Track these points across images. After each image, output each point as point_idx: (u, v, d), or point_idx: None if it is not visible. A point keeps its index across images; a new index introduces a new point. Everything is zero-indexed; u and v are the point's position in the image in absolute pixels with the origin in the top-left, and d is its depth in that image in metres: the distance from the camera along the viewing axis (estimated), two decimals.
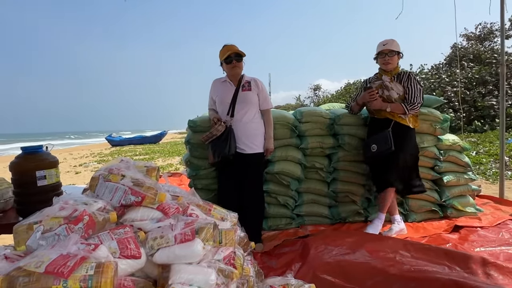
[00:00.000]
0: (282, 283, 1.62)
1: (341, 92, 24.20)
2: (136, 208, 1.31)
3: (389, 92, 2.86)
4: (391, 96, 2.85)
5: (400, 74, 2.90)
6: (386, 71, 2.92)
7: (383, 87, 2.89)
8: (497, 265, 2.07)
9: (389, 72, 2.92)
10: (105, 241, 1.08)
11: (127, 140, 21.43)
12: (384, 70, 2.94)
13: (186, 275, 1.12)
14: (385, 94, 2.87)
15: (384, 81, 2.90)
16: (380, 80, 2.94)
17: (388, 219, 2.99)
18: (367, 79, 3.13)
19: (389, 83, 2.88)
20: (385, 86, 2.89)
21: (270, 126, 2.79)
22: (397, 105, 2.80)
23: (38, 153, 1.84)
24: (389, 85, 2.87)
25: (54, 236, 1.04)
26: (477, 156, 6.77)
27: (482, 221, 3.13)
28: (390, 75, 2.91)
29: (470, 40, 16.55)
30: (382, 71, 2.97)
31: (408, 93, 2.82)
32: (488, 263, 2.09)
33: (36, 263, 0.90)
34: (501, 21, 3.89)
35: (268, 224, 3.14)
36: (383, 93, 2.88)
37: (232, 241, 1.41)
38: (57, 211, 1.12)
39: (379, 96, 2.87)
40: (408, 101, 2.80)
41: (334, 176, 3.23)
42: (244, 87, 2.71)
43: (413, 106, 2.78)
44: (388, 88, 2.87)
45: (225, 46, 2.69)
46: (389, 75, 2.91)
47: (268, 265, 2.45)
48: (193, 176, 3.10)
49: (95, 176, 1.39)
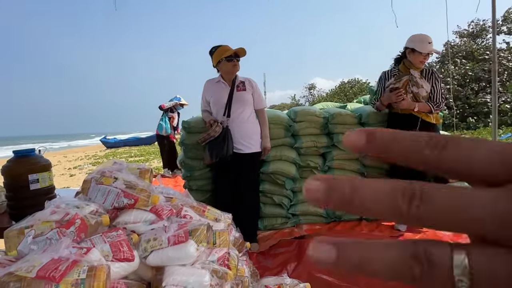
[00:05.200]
0: (277, 282, 1.62)
1: (335, 91, 24.28)
2: (129, 210, 1.31)
3: (418, 89, 2.73)
4: (419, 94, 2.73)
5: (423, 71, 2.79)
6: (416, 67, 2.78)
7: (412, 83, 2.75)
8: None
9: (418, 68, 2.79)
10: (97, 244, 1.07)
11: (122, 141, 21.33)
12: (413, 66, 2.78)
13: (180, 277, 1.12)
14: (414, 91, 2.73)
15: (414, 76, 2.76)
16: (407, 75, 2.78)
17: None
18: (387, 72, 2.93)
19: (419, 79, 2.75)
20: (414, 82, 2.75)
21: (266, 126, 2.81)
22: (424, 105, 2.70)
23: (30, 156, 1.82)
24: (419, 81, 2.74)
25: (46, 240, 1.03)
26: None
27: None
28: (419, 70, 2.78)
29: (463, 37, 16.68)
30: (409, 65, 2.79)
31: (434, 92, 2.72)
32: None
33: (28, 267, 0.89)
34: (493, 18, 3.93)
35: (263, 224, 3.15)
36: (411, 90, 2.73)
37: (226, 242, 1.41)
38: (48, 215, 1.11)
39: (407, 93, 2.72)
40: (433, 100, 2.70)
41: (329, 174, 3.24)
42: (239, 87, 2.72)
43: (439, 105, 2.69)
44: (418, 84, 2.73)
45: (224, 46, 2.69)
46: (418, 70, 2.78)
47: (263, 265, 2.46)
48: (188, 177, 3.09)
49: (87, 179, 1.38)
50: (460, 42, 16.32)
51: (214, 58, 2.71)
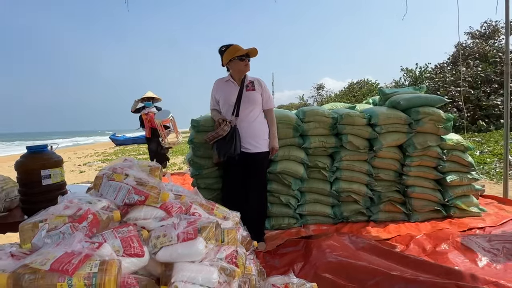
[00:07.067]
0: (284, 282, 1.63)
1: (344, 91, 24.09)
2: (140, 207, 1.33)
3: None
4: None
5: None
6: None
7: None
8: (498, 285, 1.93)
9: None
10: (108, 239, 1.09)
11: (131, 139, 21.50)
12: None
13: (188, 273, 1.13)
14: None
15: None
16: None
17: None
18: None
19: None
20: None
21: (274, 126, 2.81)
22: None
23: (43, 152, 1.86)
24: None
25: (59, 234, 1.06)
26: (481, 156, 6.74)
27: (485, 221, 3.12)
28: None
29: (475, 39, 16.42)
30: None
31: None
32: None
33: (42, 260, 0.91)
34: (506, 19, 3.86)
35: (270, 223, 3.15)
36: None
37: (234, 240, 1.43)
38: (61, 209, 1.14)
39: None
40: None
41: (337, 175, 3.23)
42: (248, 87, 2.73)
43: None
44: None
45: (235, 45, 2.70)
46: None
47: (270, 264, 2.46)
48: (196, 175, 3.11)
49: (99, 175, 1.41)
50: (472, 43, 16.07)
51: (224, 57, 2.72)
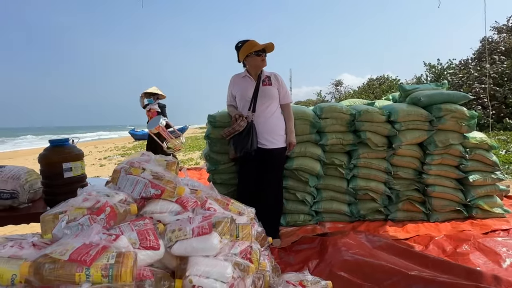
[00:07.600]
0: (299, 279, 1.62)
1: (363, 88, 23.68)
2: (156, 200, 1.35)
3: None
4: None
5: None
6: None
7: None
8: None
9: None
10: (125, 232, 1.11)
11: None
12: None
13: (203, 268, 1.14)
14: None
15: None
16: None
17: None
18: None
19: None
20: None
21: (291, 121, 2.79)
22: None
23: (64, 146, 1.91)
24: None
25: (78, 225, 1.09)
26: (506, 155, 6.49)
27: (510, 223, 3.00)
28: None
29: (501, 33, 15.75)
30: None
31: None
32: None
33: (61, 251, 0.94)
34: None
35: (286, 220, 3.14)
36: None
37: (248, 235, 1.43)
38: (81, 202, 1.17)
39: None
40: None
41: (354, 173, 3.18)
42: (265, 82, 2.72)
43: None
44: None
45: (251, 41, 2.69)
46: None
47: (285, 261, 2.45)
48: (212, 170, 3.13)
49: (117, 169, 1.44)
50: (499, 38, 15.43)
51: (241, 53, 2.71)
